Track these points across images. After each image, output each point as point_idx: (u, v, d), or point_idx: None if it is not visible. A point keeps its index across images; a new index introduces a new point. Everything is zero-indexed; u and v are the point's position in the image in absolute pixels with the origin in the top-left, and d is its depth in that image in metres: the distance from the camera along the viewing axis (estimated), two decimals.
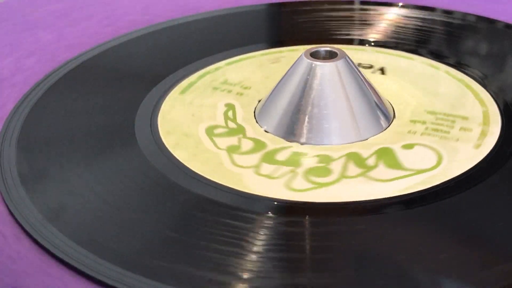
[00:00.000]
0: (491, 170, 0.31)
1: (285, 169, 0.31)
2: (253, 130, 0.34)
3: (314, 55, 0.34)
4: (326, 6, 0.46)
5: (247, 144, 0.33)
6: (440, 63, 0.39)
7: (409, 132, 0.33)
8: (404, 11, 0.45)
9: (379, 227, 0.28)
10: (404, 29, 0.43)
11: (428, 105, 0.35)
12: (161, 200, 0.30)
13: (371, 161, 0.31)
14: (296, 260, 0.27)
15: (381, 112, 0.34)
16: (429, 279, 0.26)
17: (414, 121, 0.34)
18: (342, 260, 0.27)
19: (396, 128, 0.34)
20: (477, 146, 0.32)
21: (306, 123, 0.33)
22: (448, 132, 0.33)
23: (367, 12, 0.45)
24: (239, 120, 0.34)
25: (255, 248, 0.27)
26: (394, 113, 0.35)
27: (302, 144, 0.33)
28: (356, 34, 0.43)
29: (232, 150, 0.32)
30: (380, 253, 0.27)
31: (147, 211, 0.29)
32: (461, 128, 0.33)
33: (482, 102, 0.35)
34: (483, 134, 0.33)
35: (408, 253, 0.27)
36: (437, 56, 0.40)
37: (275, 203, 0.29)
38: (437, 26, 0.43)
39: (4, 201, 0.30)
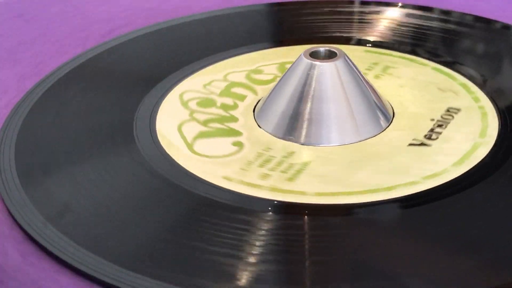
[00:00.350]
0: (486, 173, 0.31)
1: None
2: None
3: (314, 55, 0.34)
4: (326, 6, 0.46)
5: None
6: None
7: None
8: (403, 11, 0.45)
9: (376, 230, 0.28)
10: (403, 29, 0.43)
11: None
12: (161, 201, 0.30)
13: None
14: (295, 262, 0.27)
15: (381, 112, 0.34)
16: (423, 281, 0.26)
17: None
18: (340, 263, 0.27)
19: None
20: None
21: (305, 123, 0.33)
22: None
23: (367, 12, 0.45)
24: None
25: (254, 250, 0.27)
26: (393, 113, 0.35)
27: (301, 144, 0.33)
28: (355, 34, 0.43)
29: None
30: (377, 256, 0.27)
31: (147, 211, 0.29)
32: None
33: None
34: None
35: (402, 256, 0.27)
36: (436, 55, 0.40)
37: (275, 202, 0.29)
38: (436, 26, 0.43)
39: (4, 202, 0.30)
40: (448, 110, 0.35)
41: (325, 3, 0.46)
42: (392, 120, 0.34)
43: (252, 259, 0.27)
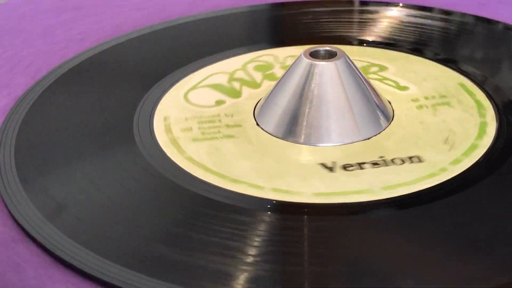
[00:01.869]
0: (485, 172, 0.31)
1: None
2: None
3: (314, 54, 0.34)
4: (326, 6, 0.46)
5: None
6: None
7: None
8: (403, 11, 0.45)
9: (374, 230, 0.28)
10: (403, 29, 0.43)
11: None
12: (160, 200, 0.30)
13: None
14: (295, 262, 0.27)
15: (381, 111, 0.34)
16: (421, 280, 0.26)
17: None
18: (338, 262, 0.27)
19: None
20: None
21: (305, 123, 0.33)
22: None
23: (367, 11, 0.45)
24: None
25: (254, 250, 0.27)
26: (393, 113, 0.35)
27: (301, 144, 0.33)
28: (355, 33, 0.43)
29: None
30: (375, 256, 0.27)
31: (146, 210, 0.29)
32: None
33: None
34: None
35: (400, 256, 0.27)
36: (437, 55, 0.40)
37: (274, 202, 0.29)
38: (436, 26, 0.43)
39: (3, 201, 0.30)
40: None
41: (326, 3, 0.46)
42: (392, 120, 0.34)
43: (251, 259, 0.27)
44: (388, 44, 0.41)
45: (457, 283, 0.26)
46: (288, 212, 0.29)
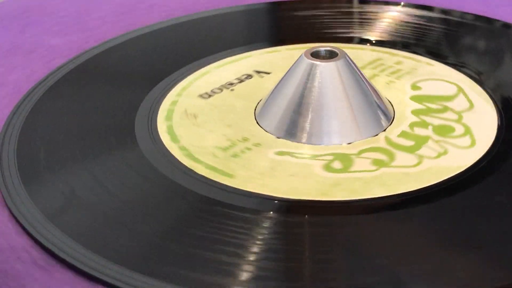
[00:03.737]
0: (486, 171, 0.31)
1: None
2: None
3: (314, 54, 0.34)
4: (326, 5, 0.46)
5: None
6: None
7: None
8: (404, 10, 0.45)
9: (376, 227, 0.28)
10: (404, 28, 0.43)
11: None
12: (161, 200, 0.30)
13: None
14: (296, 261, 0.27)
15: (381, 111, 0.34)
16: (422, 279, 0.26)
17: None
18: (340, 260, 0.27)
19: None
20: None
21: (306, 123, 0.33)
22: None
23: (367, 11, 0.45)
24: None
25: (255, 249, 0.27)
26: (394, 113, 0.35)
27: (303, 144, 0.33)
28: (356, 33, 0.43)
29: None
30: (377, 253, 0.27)
31: (148, 210, 0.29)
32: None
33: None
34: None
35: (403, 253, 0.27)
36: (436, 55, 0.40)
37: (276, 201, 0.29)
38: (437, 25, 0.43)
39: (4, 201, 0.30)
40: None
41: (326, 2, 0.46)
42: (393, 120, 0.34)
43: (253, 258, 0.27)
44: (389, 43, 0.41)
45: (459, 283, 0.26)
46: (290, 211, 0.29)
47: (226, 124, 0.34)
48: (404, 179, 0.30)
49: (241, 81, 0.38)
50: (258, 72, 0.39)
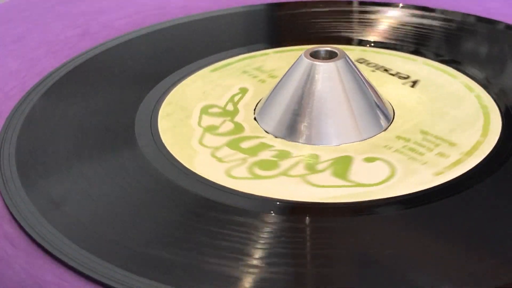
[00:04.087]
0: (487, 174, 0.31)
1: (239, 156, 0.32)
2: (245, 115, 0.34)
3: (314, 55, 0.35)
4: (326, 6, 0.46)
5: (226, 127, 0.34)
6: (441, 63, 0.39)
7: (385, 146, 0.32)
8: (404, 12, 0.45)
9: (379, 229, 0.28)
10: (404, 29, 0.43)
11: (427, 124, 0.34)
12: (160, 200, 0.30)
13: (321, 166, 0.31)
14: (297, 263, 0.27)
15: (381, 112, 0.34)
16: (424, 280, 0.26)
17: (399, 137, 0.33)
18: (345, 262, 0.27)
19: (377, 140, 0.33)
20: (438, 173, 0.30)
21: (306, 123, 0.33)
22: (422, 155, 0.32)
23: (367, 12, 0.45)
24: (240, 105, 0.34)
25: (256, 252, 0.27)
26: (394, 113, 0.35)
27: (303, 143, 0.33)
28: (356, 34, 0.43)
29: (209, 129, 0.33)
30: (379, 254, 0.27)
31: (146, 211, 0.29)
32: (438, 153, 0.32)
33: (486, 127, 0.34)
34: (457, 163, 0.31)
35: (403, 255, 0.27)
36: (437, 55, 0.40)
37: (276, 203, 0.29)
38: (437, 26, 0.43)
39: (4, 201, 0.30)
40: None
41: (326, 3, 0.46)
42: (392, 120, 0.34)
43: (253, 261, 0.27)
44: (389, 44, 0.41)
45: (460, 283, 0.26)
46: (290, 213, 0.29)
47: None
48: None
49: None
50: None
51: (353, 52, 0.40)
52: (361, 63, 0.39)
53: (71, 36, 0.44)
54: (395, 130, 0.34)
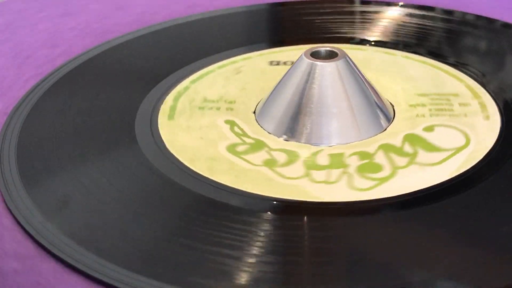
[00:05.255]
0: (490, 171, 0.31)
1: (337, 171, 0.31)
2: (274, 141, 0.33)
3: (314, 55, 0.34)
4: (327, 6, 0.46)
5: (280, 156, 0.32)
6: (440, 62, 0.39)
7: (417, 115, 0.34)
8: (404, 11, 0.45)
9: (379, 228, 0.28)
10: (404, 28, 0.43)
11: (418, 90, 0.36)
12: (161, 200, 0.30)
13: (408, 149, 0.32)
14: (297, 263, 0.27)
15: (381, 111, 0.34)
16: (428, 279, 0.26)
17: (413, 105, 0.34)
18: (341, 262, 0.27)
19: (401, 115, 0.34)
20: (486, 117, 0.33)
21: (306, 123, 0.33)
22: (452, 110, 0.34)
23: (368, 11, 0.45)
24: (251, 135, 0.34)
25: (255, 250, 0.27)
26: (394, 113, 0.35)
27: (303, 143, 0.33)
28: (356, 33, 0.43)
29: (270, 164, 0.32)
30: (380, 254, 0.27)
31: (148, 210, 0.29)
32: (460, 104, 0.34)
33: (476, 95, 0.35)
34: (482, 106, 0.34)
35: (407, 254, 0.27)
36: (437, 55, 0.40)
37: (274, 202, 0.29)
38: (437, 26, 0.43)
39: (4, 201, 0.30)
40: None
41: (326, 2, 0.46)
42: (392, 120, 0.34)
43: (252, 260, 0.27)
44: (390, 43, 0.41)
45: (461, 283, 0.26)
46: (289, 212, 0.29)
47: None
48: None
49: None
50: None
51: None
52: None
53: (71, 37, 0.44)
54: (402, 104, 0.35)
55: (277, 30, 0.46)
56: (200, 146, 0.33)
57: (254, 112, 0.35)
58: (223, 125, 0.34)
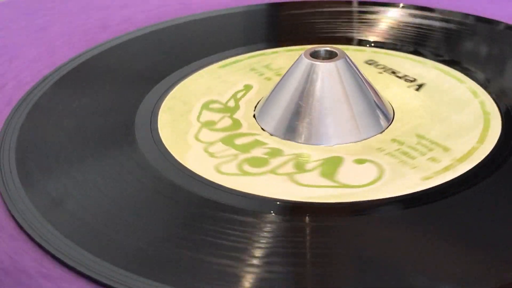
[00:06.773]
0: (490, 171, 0.31)
1: (231, 152, 0.32)
2: (245, 112, 0.34)
3: (314, 55, 0.35)
4: (326, 6, 0.46)
5: (224, 123, 0.34)
6: (450, 67, 0.39)
7: (378, 149, 0.32)
8: (404, 12, 0.45)
9: (380, 228, 0.28)
10: (404, 29, 0.43)
11: (425, 128, 0.34)
12: (160, 200, 0.30)
13: (310, 166, 0.31)
14: (299, 263, 0.27)
15: (381, 112, 0.34)
16: (424, 281, 0.26)
17: (394, 140, 0.33)
18: (339, 263, 0.27)
19: (372, 142, 0.33)
20: (427, 178, 0.30)
21: (305, 123, 0.33)
22: (414, 158, 0.31)
23: (367, 12, 0.45)
24: (241, 101, 0.34)
25: (256, 251, 0.27)
26: (393, 113, 0.35)
27: (302, 144, 0.33)
28: (356, 34, 0.43)
29: (206, 125, 0.33)
30: (380, 254, 0.27)
31: (148, 212, 0.29)
32: (430, 158, 0.31)
33: (483, 136, 0.33)
34: (447, 168, 0.31)
35: (404, 255, 0.27)
36: (438, 55, 0.40)
37: (277, 203, 0.29)
38: (438, 26, 0.43)
39: (4, 201, 0.30)
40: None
41: (326, 3, 0.46)
42: (392, 120, 0.34)
43: (254, 261, 0.27)
44: (389, 44, 0.41)
45: (462, 283, 0.26)
46: (290, 213, 0.29)
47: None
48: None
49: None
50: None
51: (363, 53, 0.40)
52: (370, 64, 0.39)
53: (71, 37, 0.44)
54: (392, 132, 0.33)
55: (277, 30, 0.46)
56: (194, 92, 0.33)
57: (254, 112, 0.35)
58: (239, 86, 0.35)
